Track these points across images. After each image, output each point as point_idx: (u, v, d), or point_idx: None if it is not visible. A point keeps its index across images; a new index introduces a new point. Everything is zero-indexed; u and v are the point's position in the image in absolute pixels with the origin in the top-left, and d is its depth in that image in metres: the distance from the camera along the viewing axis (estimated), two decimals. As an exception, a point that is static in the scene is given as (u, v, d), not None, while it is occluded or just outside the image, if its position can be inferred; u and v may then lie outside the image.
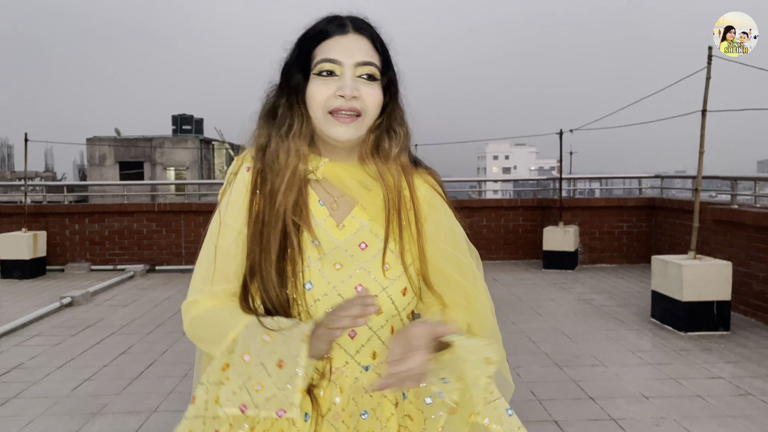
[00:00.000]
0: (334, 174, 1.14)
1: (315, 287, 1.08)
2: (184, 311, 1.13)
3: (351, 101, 1.07)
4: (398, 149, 1.16)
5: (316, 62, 1.09)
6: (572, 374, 4.17)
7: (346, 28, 1.11)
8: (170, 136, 29.71)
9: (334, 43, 1.09)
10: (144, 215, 9.36)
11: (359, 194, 1.14)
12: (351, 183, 1.13)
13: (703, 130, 5.40)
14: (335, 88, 1.08)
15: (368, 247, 1.12)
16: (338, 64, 1.08)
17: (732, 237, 6.23)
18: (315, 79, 1.09)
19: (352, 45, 1.10)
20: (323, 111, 1.09)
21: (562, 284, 7.51)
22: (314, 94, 1.09)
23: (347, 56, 1.09)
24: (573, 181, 10.65)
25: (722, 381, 4.03)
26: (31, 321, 5.75)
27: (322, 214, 1.13)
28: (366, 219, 1.14)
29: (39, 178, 28.49)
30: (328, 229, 1.13)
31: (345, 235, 1.12)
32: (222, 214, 1.14)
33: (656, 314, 5.57)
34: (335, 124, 1.08)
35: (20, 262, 8.36)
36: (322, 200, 1.15)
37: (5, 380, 4.18)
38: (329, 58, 1.08)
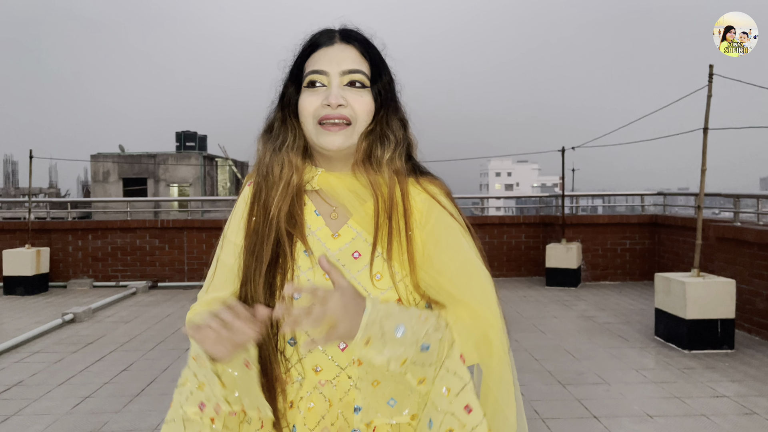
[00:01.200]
0: (328, 184, 1.14)
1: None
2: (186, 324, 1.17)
3: (338, 109, 1.08)
4: (390, 155, 1.13)
5: (305, 75, 1.11)
6: (576, 392, 4.14)
7: (333, 39, 1.13)
8: (174, 153, 29.85)
9: (320, 54, 1.11)
10: (147, 231, 9.37)
11: (352, 204, 1.13)
12: (344, 193, 1.13)
13: (705, 147, 5.41)
14: (323, 98, 1.09)
15: (361, 256, 1.10)
16: (324, 74, 1.10)
17: (735, 254, 6.21)
18: (304, 91, 1.11)
19: (338, 54, 1.11)
20: (313, 121, 1.10)
21: (565, 301, 7.48)
22: (304, 105, 1.11)
23: (333, 65, 1.10)
24: (575, 198, 10.64)
25: (727, 400, 4.00)
26: (32, 337, 5.73)
27: (317, 223, 1.14)
28: (362, 228, 1.13)
29: (43, 194, 28.60)
30: (323, 239, 1.12)
31: (339, 244, 1.12)
32: (225, 230, 1.20)
33: (660, 332, 5.54)
34: (324, 133, 1.09)
35: (23, 278, 8.36)
36: (319, 210, 1.15)
37: (6, 397, 4.17)
38: (315, 69, 1.10)
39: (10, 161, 29.93)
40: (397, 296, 1.08)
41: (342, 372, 1.09)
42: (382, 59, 1.15)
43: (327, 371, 1.09)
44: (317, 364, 1.09)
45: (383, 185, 1.12)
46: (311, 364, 1.09)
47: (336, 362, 1.09)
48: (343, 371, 1.09)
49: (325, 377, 1.09)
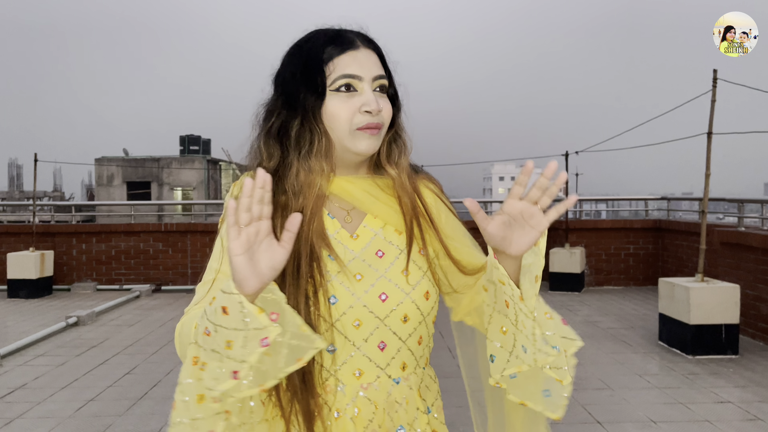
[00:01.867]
0: (341, 188, 1.13)
1: (340, 300, 1.06)
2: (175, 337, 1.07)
3: (377, 116, 1.09)
4: (406, 158, 1.17)
5: (335, 79, 1.08)
6: (579, 398, 4.13)
7: (355, 42, 1.11)
8: (177, 157, 29.93)
9: (349, 58, 1.09)
10: (150, 235, 9.39)
11: (369, 204, 1.14)
12: (359, 194, 1.13)
13: (709, 152, 5.40)
14: (359, 104, 1.08)
15: (385, 254, 1.12)
16: (358, 79, 1.08)
17: (740, 260, 6.19)
18: (334, 96, 1.09)
19: (367, 59, 1.10)
20: (350, 128, 1.08)
21: (569, 306, 7.46)
22: (337, 112, 1.08)
23: (365, 70, 1.09)
24: (579, 202, 10.64)
25: (731, 406, 3.98)
26: (36, 341, 5.75)
27: (333, 227, 1.13)
28: (379, 227, 1.14)
29: (47, 197, 28.69)
30: (343, 241, 1.12)
31: (360, 244, 1.12)
32: (223, 238, 1.09)
33: (664, 337, 5.53)
34: (365, 137, 1.09)
35: (27, 281, 8.38)
36: (332, 213, 1.14)
37: (9, 400, 4.18)
38: (349, 73, 1.08)
39: (14, 165, 30.04)
40: (426, 289, 1.11)
41: (382, 372, 1.08)
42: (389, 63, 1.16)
43: (368, 374, 1.08)
44: (357, 368, 1.07)
45: (407, 186, 1.15)
46: (351, 370, 1.07)
47: (376, 363, 1.08)
48: (383, 371, 1.08)
49: (366, 380, 1.08)
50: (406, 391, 1.10)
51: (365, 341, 1.07)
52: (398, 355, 1.09)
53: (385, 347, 1.08)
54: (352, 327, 1.06)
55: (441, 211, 1.20)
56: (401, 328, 1.08)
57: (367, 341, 1.07)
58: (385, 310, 1.07)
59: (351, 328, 1.06)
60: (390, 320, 1.08)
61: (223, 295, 0.89)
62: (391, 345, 1.08)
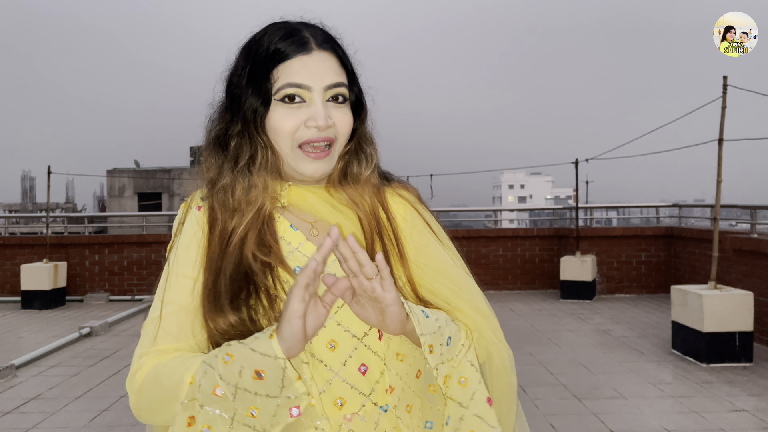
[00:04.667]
0: (301, 198, 1.01)
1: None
2: (128, 385, 0.94)
3: (325, 131, 0.95)
4: (369, 171, 1.04)
5: (279, 87, 0.95)
6: (592, 407, 4.11)
7: (308, 45, 0.96)
8: (188, 168, 30.07)
9: (298, 64, 0.95)
10: (162, 245, 9.43)
11: (332, 216, 1.01)
12: (321, 205, 1.01)
13: (720, 159, 5.38)
14: (305, 117, 0.95)
15: None
16: (306, 89, 0.95)
17: (753, 267, 6.14)
18: (278, 106, 0.95)
19: (318, 65, 0.96)
20: (291, 144, 0.96)
21: (580, 314, 7.42)
22: (280, 125, 0.95)
23: (315, 79, 0.95)
24: (590, 210, 10.60)
25: (746, 414, 3.94)
26: (50, 351, 5.79)
27: (297, 239, 1.00)
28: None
29: (60, 209, 28.93)
30: (309, 254, 0.98)
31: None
32: (171, 265, 0.98)
33: (677, 345, 5.49)
34: (306, 160, 0.97)
35: (41, 292, 8.45)
36: (294, 225, 1.01)
37: (24, 410, 4.21)
38: (295, 82, 0.95)
39: (27, 177, 30.30)
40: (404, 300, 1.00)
41: (367, 399, 0.95)
42: (352, 64, 1.02)
43: (351, 403, 0.94)
44: (339, 396, 0.94)
45: (364, 203, 1.02)
46: (331, 399, 0.94)
47: (359, 389, 0.95)
48: (367, 398, 0.95)
49: (350, 410, 0.94)
50: (394, 420, 0.96)
51: (343, 365, 0.94)
52: (382, 378, 0.96)
53: (367, 370, 0.95)
54: (326, 349, 0.94)
55: (414, 228, 1.04)
56: (379, 347, 0.96)
57: (346, 365, 0.94)
58: (363, 327, 0.95)
59: (325, 351, 0.94)
60: (369, 339, 0.96)
61: (259, 357, 0.82)
62: (373, 368, 0.96)
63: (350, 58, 1.02)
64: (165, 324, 0.94)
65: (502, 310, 7.49)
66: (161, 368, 0.90)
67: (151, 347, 0.93)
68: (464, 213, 13.23)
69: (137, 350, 0.95)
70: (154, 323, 0.94)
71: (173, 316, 0.94)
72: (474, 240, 9.37)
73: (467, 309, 1.00)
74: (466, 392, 0.93)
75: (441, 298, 1.00)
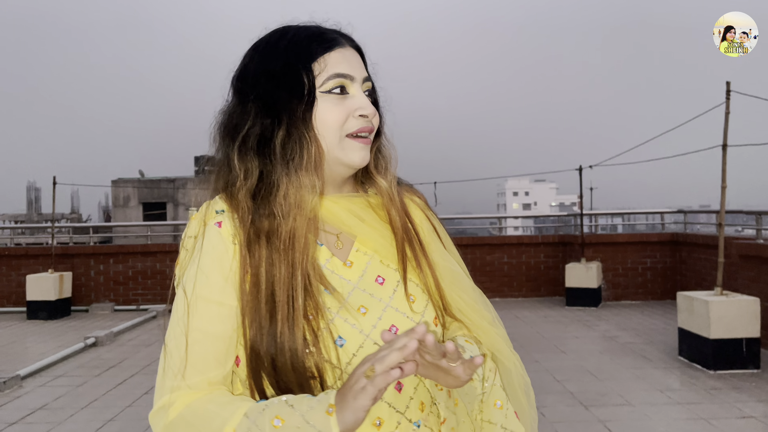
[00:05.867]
0: (326, 210, 0.97)
1: (348, 341, 0.90)
2: (155, 420, 0.88)
3: (372, 119, 0.96)
4: (393, 170, 1.04)
5: (326, 78, 0.93)
6: (599, 414, 4.08)
7: (340, 39, 0.97)
8: (193, 177, 30.18)
9: (339, 56, 0.95)
10: (167, 255, 9.46)
11: (356, 227, 0.98)
12: (345, 216, 0.98)
13: (725, 164, 5.37)
14: (353, 107, 0.94)
15: (386, 280, 0.97)
16: (350, 80, 0.95)
17: (759, 272, 6.11)
18: (325, 99, 0.94)
19: (353, 57, 0.97)
20: (340, 134, 0.94)
21: (586, 321, 7.40)
22: (329, 116, 0.93)
23: (356, 70, 0.96)
24: (594, 216, 10.58)
25: (754, 420, 3.92)
26: (55, 361, 5.80)
27: (324, 255, 0.96)
28: (372, 250, 0.99)
29: (65, 219, 29.03)
30: (337, 271, 0.95)
31: (357, 272, 0.96)
32: (192, 287, 0.91)
33: (684, 352, 5.46)
34: (357, 147, 0.95)
35: (46, 302, 8.47)
36: (319, 239, 0.97)
37: (30, 421, 4.21)
38: (342, 72, 0.94)
39: (33, 188, 30.45)
40: (435, 314, 0.99)
41: (402, 417, 0.93)
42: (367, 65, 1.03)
43: (388, 422, 0.92)
44: (377, 416, 0.91)
45: (396, 200, 1.01)
46: (370, 420, 0.91)
47: (395, 408, 0.93)
48: (403, 416, 0.93)
49: (387, 429, 0.92)
50: None
51: None
52: (416, 394, 0.95)
53: (402, 387, 0.94)
54: None
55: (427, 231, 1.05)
56: None
57: None
58: None
59: None
60: None
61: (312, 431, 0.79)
62: (408, 384, 0.94)
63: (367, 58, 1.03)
64: (193, 354, 0.88)
65: (507, 318, 7.46)
66: (196, 411, 0.86)
67: (182, 381, 0.88)
68: (469, 220, 13.23)
69: (163, 380, 0.90)
70: (180, 352, 0.89)
71: (201, 345, 0.89)
72: (479, 247, 9.36)
73: (482, 322, 1.01)
74: (502, 414, 0.99)
75: (455, 307, 1.01)
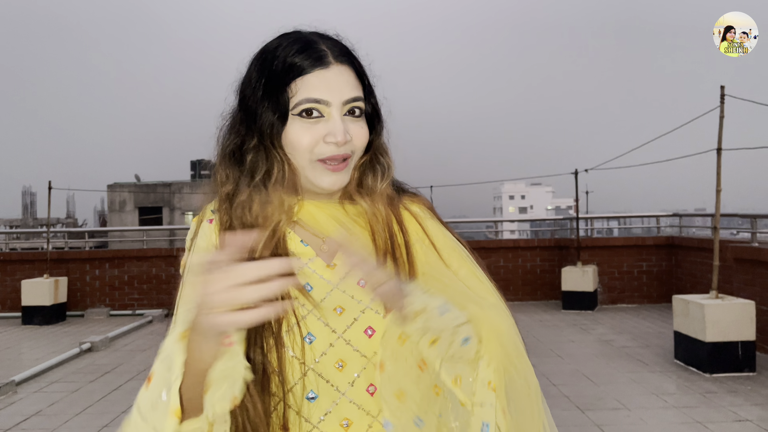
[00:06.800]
0: (308, 214, 0.99)
1: (317, 338, 0.91)
2: None
3: (343, 147, 0.94)
4: (384, 184, 1.03)
5: (297, 102, 0.93)
6: (595, 418, 4.08)
7: (326, 58, 0.94)
8: (189, 182, 30.15)
9: (316, 78, 0.93)
10: (162, 260, 9.45)
11: (338, 233, 0.98)
12: (327, 222, 0.99)
13: (719, 168, 5.39)
14: (324, 133, 0.93)
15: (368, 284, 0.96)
16: (325, 104, 0.93)
17: (754, 275, 6.13)
18: (296, 121, 0.93)
19: (336, 79, 0.94)
20: (310, 159, 0.94)
21: (582, 325, 7.41)
22: (298, 140, 0.93)
23: (334, 94, 0.93)
24: (590, 220, 10.60)
25: (750, 424, 3.92)
26: (50, 367, 5.77)
27: (308, 254, 0.98)
28: None
29: (61, 224, 28.95)
30: (318, 270, 0.97)
31: (339, 273, 0.97)
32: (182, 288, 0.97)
33: (680, 355, 5.47)
34: (325, 173, 0.95)
35: (41, 308, 8.44)
36: (305, 240, 0.99)
37: (24, 427, 4.19)
38: (313, 97, 0.92)
39: (28, 192, 30.40)
40: None
41: (374, 420, 0.92)
42: (369, 77, 1.01)
43: (357, 423, 0.92)
44: (344, 417, 0.91)
45: (379, 216, 1.01)
46: (337, 420, 0.91)
47: (366, 410, 0.92)
48: (375, 419, 0.92)
49: (356, 431, 0.91)
50: None
51: (351, 385, 0.92)
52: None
53: (376, 390, 0.92)
54: (334, 369, 0.91)
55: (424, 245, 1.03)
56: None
57: (354, 385, 0.92)
58: (373, 346, 0.92)
59: (333, 371, 0.91)
60: (377, 357, 0.92)
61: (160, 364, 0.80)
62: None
63: (366, 71, 1.00)
64: None
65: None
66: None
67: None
68: (465, 224, 13.25)
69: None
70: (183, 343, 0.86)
71: None
72: (475, 251, 9.34)
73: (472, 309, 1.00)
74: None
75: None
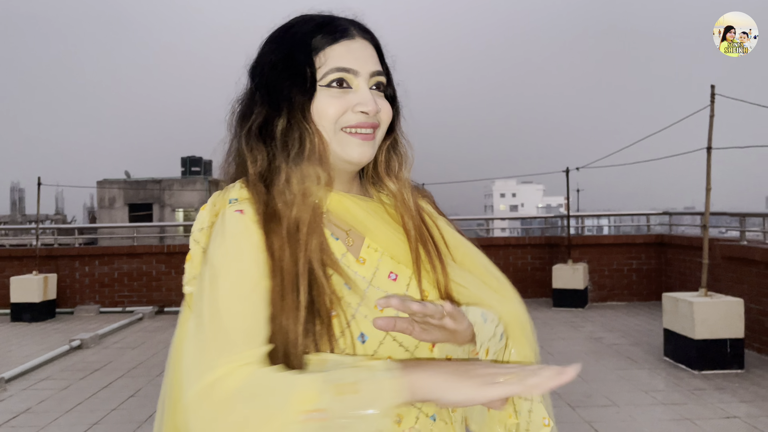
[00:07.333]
0: (341, 205, 0.96)
1: (370, 338, 0.88)
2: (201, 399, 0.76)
3: (373, 117, 0.93)
4: (407, 169, 1.02)
5: (326, 72, 0.92)
6: (585, 415, 4.11)
7: (350, 30, 0.95)
8: (179, 178, 30.02)
9: (343, 49, 0.93)
10: (153, 257, 9.40)
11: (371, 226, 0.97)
12: (361, 214, 0.97)
13: (709, 167, 5.42)
14: (353, 102, 0.93)
15: (399, 276, 0.95)
16: (353, 74, 0.93)
17: (743, 274, 6.18)
18: (324, 92, 0.92)
19: (362, 51, 0.94)
20: (335, 128, 0.93)
21: (573, 322, 7.44)
22: (327, 109, 0.92)
23: (361, 64, 0.93)
24: (581, 218, 10.65)
25: (738, 421, 3.96)
26: (39, 364, 5.73)
27: (339, 249, 0.94)
28: (382, 247, 0.97)
29: (50, 221, 28.75)
30: (351, 266, 0.94)
31: (369, 269, 0.95)
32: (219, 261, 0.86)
33: (669, 352, 5.51)
34: (354, 143, 0.93)
35: (30, 305, 8.38)
36: (334, 234, 0.96)
37: (13, 425, 4.16)
38: (342, 66, 0.92)
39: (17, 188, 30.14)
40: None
41: (419, 412, 0.92)
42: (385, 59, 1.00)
43: (408, 417, 0.91)
44: (396, 413, 0.89)
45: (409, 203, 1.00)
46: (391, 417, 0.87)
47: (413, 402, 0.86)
48: (420, 411, 0.92)
49: (407, 425, 0.90)
50: (442, 426, 0.94)
51: None
52: None
53: None
54: None
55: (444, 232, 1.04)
56: (430, 356, 0.94)
57: None
58: (413, 340, 0.91)
59: None
60: (419, 351, 0.93)
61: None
62: None
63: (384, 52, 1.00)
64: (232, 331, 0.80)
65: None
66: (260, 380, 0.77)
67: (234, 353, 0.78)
68: (456, 222, 13.26)
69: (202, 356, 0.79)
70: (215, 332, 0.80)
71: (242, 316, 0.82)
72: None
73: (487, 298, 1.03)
74: None
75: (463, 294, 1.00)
